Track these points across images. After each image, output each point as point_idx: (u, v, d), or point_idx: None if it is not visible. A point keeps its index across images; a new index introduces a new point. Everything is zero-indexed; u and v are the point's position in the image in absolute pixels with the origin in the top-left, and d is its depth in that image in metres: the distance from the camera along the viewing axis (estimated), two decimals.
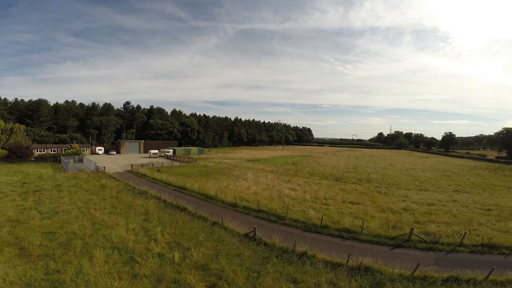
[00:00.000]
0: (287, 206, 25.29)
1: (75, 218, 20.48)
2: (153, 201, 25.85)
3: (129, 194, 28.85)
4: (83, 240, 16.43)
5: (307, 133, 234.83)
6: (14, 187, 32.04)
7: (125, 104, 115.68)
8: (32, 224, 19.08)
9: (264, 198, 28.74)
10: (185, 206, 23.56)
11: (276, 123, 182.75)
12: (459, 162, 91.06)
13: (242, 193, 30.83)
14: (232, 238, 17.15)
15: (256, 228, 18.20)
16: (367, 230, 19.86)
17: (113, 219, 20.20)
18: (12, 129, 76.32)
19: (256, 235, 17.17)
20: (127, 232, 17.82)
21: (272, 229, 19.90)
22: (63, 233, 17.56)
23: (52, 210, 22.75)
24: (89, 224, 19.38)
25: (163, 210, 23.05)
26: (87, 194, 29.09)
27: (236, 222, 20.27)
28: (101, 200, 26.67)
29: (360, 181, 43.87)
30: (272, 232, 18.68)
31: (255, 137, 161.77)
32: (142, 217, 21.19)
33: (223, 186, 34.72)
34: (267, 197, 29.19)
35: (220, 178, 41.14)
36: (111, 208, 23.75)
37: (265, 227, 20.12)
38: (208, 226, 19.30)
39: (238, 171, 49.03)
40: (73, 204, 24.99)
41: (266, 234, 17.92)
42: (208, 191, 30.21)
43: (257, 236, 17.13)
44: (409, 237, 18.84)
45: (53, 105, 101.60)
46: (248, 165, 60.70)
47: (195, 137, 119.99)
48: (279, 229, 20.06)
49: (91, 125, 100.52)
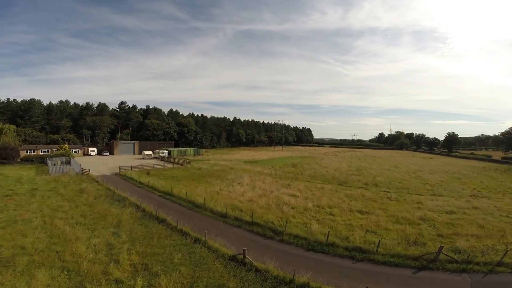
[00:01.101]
0: (286, 217, 21.85)
1: (32, 229, 17.18)
2: (130, 210, 22.35)
3: (105, 201, 25.38)
4: (30, 257, 13.32)
5: (307, 133, 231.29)
6: None
7: (120, 104, 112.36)
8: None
9: (259, 207, 25.21)
10: (164, 217, 20.00)
11: (275, 124, 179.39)
12: (465, 163, 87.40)
13: (235, 200, 27.30)
14: (216, 262, 13.63)
15: (248, 247, 14.81)
16: (383, 248, 16.38)
17: (76, 231, 16.83)
18: (2, 130, 72.88)
19: (246, 258, 13.65)
20: (87, 249, 14.49)
21: (267, 247, 16.43)
22: (11, 247, 14.43)
23: (11, 219, 19.42)
24: (46, 237, 16.04)
25: (138, 222, 19.58)
26: (60, 200, 25.65)
27: (224, 238, 16.76)
28: (73, 207, 23.21)
29: (367, 185, 40.31)
30: (267, 252, 15.24)
31: (254, 138, 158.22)
32: (111, 229, 17.72)
33: (214, 191, 31.18)
34: (263, 206, 25.64)
35: (212, 182, 37.62)
36: (80, 217, 20.31)
37: (259, 245, 16.61)
38: (189, 243, 15.77)
39: (233, 174, 45.51)
40: (39, 212, 21.56)
41: (259, 256, 14.42)
42: (196, 198, 26.63)
43: (247, 260, 13.60)
44: (437, 257, 15.35)
45: (46, 105, 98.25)
46: (245, 167, 57.18)
47: (192, 137, 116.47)
48: (275, 247, 16.58)
49: (85, 126, 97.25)
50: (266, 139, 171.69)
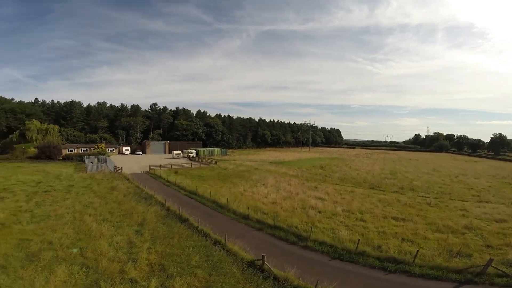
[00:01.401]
0: (312, 222, 20.66)
1: (62, 225, 18.06)
2: (155, 208, 22.76)
3: (133, 199, 26.20)
4: (55, 252, 13.81)
5: (336, 134, 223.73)
6: (27, 187, 31.29)
7: (152, 105, 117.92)
8: (13, 229, 17.03)
9: (283, 209, 24.25)
10: (187, 217, 19.97)
11: (302, 124, 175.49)
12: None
13: (258, 202, 26.64)
14: (233, 266, 13.07)
15: (269, 252, 14.05)
16: (421, 259, 14.65)
17: (102, 228, 17.36)
18: (47, 130, 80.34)
19: (265, 264, 12.88)
20: (109, 246, 14.78)
21: (289, 254, 15.51)
22: (39, 241, 15.15)
23: (46, 214, 20.69)
24: (73, 232, 16.72)
25: (162, 220, 19.76)
26: (93, 197, 27.02)
27: (244, 241, 16.13)
28: (103, 204, 24.26)
29: (402, 190, 37.25)
30: (289, 259, 14.33)
31: (280, 139, 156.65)
32: (135, 227, 18.04)
33: (238, 192, 30.82)
34: (287, 209, 24.64)
35: (237, 183, 37.39)
36: (108, 214, 21.07)
37: (280, 251, 15.76)
38: (208, 245, 15.42)
39: (258, 175, 44.95)
40: (72, 207, 22.81)
41: (279, 263, 13.57)
42: (219, 198, 26.46)
43: (265, 266, 12.83)
44: (484, 270, 13.31)
45: (86, 106, 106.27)
46: (270, 168, 56.36)
47: (220, 138, 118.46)
48: (298, 254, 15.59)
49: (120, 126, 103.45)
50: (292, 140, 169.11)
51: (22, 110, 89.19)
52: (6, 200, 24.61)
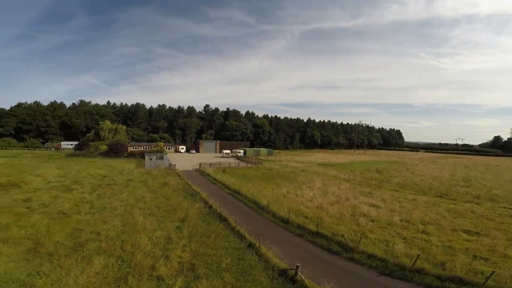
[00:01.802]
0: (362, 231, 18.51)
1: (113, 217, 19.70)
2: (199, 205, 23.35)
3: (180, 195, 27.53)
4: (99, 243, 14.89)
5: (396, 136, 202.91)
6: (94, 180, 35.78)
7: (205, 106, 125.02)
8: (72, 219, 19.14)
9: (329, 215, 22.34)
10: (227, 216, 19.88)
11: (356, 125, 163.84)
12: None
13: (301, 205, 25.20)
14: (263, 273, 12.22)
15: (305, 261, 12.93)
16: (496, 280, 11.96)
17: (146, 222, 18.38)
18: (116, 129, 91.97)
19: (298, 275, 11.64)
20: (149, 240, 15.42)
21: (329, 265, 13.93)
22: (89, 232, 16.62)
23: (102, 206, 22.93)
24: (120, 225, 18.03)
25: (203, 218, 20.06)
26: (146, 191, 29.28)
27: (280, 247, 15.13)
28: (153, 198, 26.01)
29: (478, 199, 31.17)
30: (328, 270, 12.83)
31: (331, 140, 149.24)
32: (176, 223, 18.64)
33: (280, 194, 29.81)
34: (334, 215, 22.63)
35: (281, 184, 36.36)
36: (155, 208, 22.38)
37: (319, 261, 14.29)
38: (242, 248, 14.89)
39: (304, 177, 43.09)
40: (126, 201, 24.97)
41: (315, 274, 12.22)
42: (261, 199, 25.86)
43: (298, 277, 11.60)
44: None
45: (148, 108, 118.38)
46: (318, 170, 53.62)
47: (267, 138, 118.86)
48: (340, 266, 13.89)
49: (177, 126, 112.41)
50: (345, 141, 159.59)
51: (97, 111, 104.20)
52: (74, 192, 28.35)
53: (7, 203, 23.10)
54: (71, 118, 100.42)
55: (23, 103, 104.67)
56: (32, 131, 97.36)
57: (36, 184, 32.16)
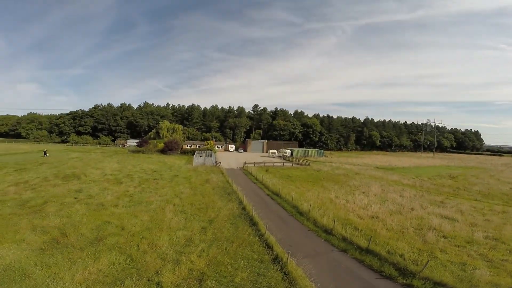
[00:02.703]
0: (430, 250, 14.18)
1: (145, 212, 19.14)
2: (232, 205, 21.38)
3: (217, 193, 26.11)
4: (120, 238, 14.10)
5: (474, 137, 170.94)
6: (144, 174, 37.34)
7: (254, 106, 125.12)
8: (108, 211, 19.13)
9: (387, 228, 17.91)
10: (258, 220, 17.30)
11: (423, 124, 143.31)
12: None
13: (351, 213, 21.03)
14: None
15: (346, 287, 9.35)
16: None
17: (174, 220, 17.16)
18: (174, 128, 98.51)
19: None
20: (168, 240, 13.95)
21: None
22: (115, 225, 16.14)
23: (140, 200, 22.85)
24: (148, 221, 17.17)
25: (232, 220, 17.92)
26: (186, 188, 28.80)
27: (315, 264, 11.97)
28: (190, 195, 25.13)
29: None
30: None
31: (392, 141, 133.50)
32: (203, 223, 16.93)
33: (327, 198, 25.83)
34: (392, 228, 18.07)
35: (329, 187, 32.10)
36: (188, 205, 21.23)
37: None
38: (266, 260, 12.15)
39: (358, 181, 37.72)
40: (164, 196, 24.61)
41: None
42: (302, 204, 22.47)
43: None
44: None
45: (202, 109, 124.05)
46: (376, 174, 46.91)
47: (317, 138, 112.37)
48: None
49: (227, 126, 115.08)
50: (409, 143, 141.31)
51: (158, 112, 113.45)
52: (122, 185, 29.48)
53: (61, 192, 24.92)
54: (136, 118, 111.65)
55: (98, 105, 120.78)
56: (105, 130, 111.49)
57: (94, 177, 34.82)
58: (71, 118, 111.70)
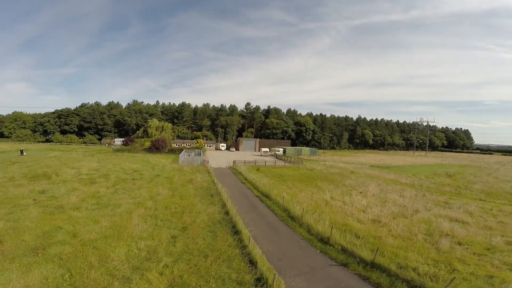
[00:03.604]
0: (447, 261, 11.91)
1: (109, 216, 16.30)
2: (214, 209, 18.55)
3: (199, 195, 23.25)
4: (64, 247, 11.54)
5: (464, 136, 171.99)
6: (123, 174, 34.19)
7: (246, 104, 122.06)
8: (65, 215, 16.42)
9: (392, 234, 15.43)
10: (241, 228, 14.48)
11: (415, 123, 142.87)
12: None
13: (350, 217, 18.48)
14: None
15: None
16: None
17: (140, 227, 14.30)
18: (163, 127, 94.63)
19: None
20: (127, 253, 11.16)
21: None
22: (66, 232, 13.51)
23: (108, 203, 19.94)
24: (109, 227, 14.37)
25: (211, 227, 15.12)
26: (165, 189, 25.82)
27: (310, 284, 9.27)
28: (168, 197, 22.17)
29: None
30: None
31: (385, 140, 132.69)
32: (175, 231, 14.12)
33: (322, 200, 23.22)
34: (399, 234, 15.60)
35: (323, 187, 29.57)
36: (163, 209, 18.34)
37: None
38: (247, 282, 9.49)
39: (354, 180, 35.39)
40: (137, 198, 21.64)
41: None
42: (293, 207, 19.73)
43: None
44: None
45: (193, 107, 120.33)
46: (372, 172, 44.79)
47: (310, 137, 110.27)
48: None
49: (219, 125, 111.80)
50: (402, 141, 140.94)
51: (146, 110, 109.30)
52: (95, 185, 26.37)
53: (21, 194, 21.82)
54: (124, 116, 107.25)
55: (86, 104, 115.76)
56: (91, 129, 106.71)
57: (66, 176, 31.68)
58: (56, 117, 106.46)
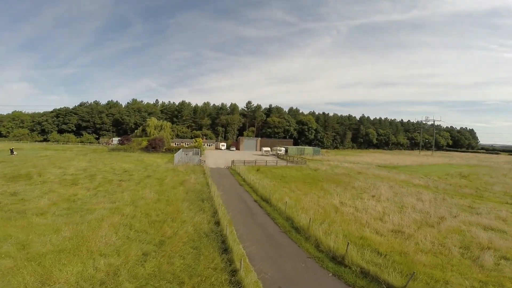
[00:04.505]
0: (499, 283, 8.60)
1: (74, 224, 13.50)
2: (203, 217, 15.57)
3: (189, 199, 20.30)
4: (3, 262, 8.92)
5: (469, 136, 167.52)
6: (111, 174, 31.47)
7: (247, 103, 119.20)
8: (23, 221, 13.97)
9: (422, 249, 12.39)
10: (232, 244, 11.40)
11: (420, 123, 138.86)
12: None
13: (366, 227, 15.41)
14: None
15: None
16: None
17: (107, 239, 11.42)
18: (162, 126, 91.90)
19: None
20: (78, 274, 8.48)
21: None
22: (15, 242, 10.96)
23: (82, 207, 17.17)
24: (69, 238, 11.49)
25: (196, 241, 12.10)
26: (153, 192, 22.83)
27: None
28: (152, 202, 19.24)
29: None
30: None
31: (389, 139, 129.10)
32: (148, 246, 11.18)
33: (331, 205, 20.15)
34: (429, 249, 12.54)
35: (330, 190, 26.49)
36: (142, 217, 15.39)
37: None
38: None
39: (362, 181, 32.30)
40: (117, 202, 18.76)
41: None
42: (298, 215, 16.54)
43: None
44: None
45: (193, 106, 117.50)
46: (380, 173, 41.65)
47: (313, 136, 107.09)
48: None
49: (219, 124, 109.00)
50: (406, 141, 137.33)
51: (145, 109, 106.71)
52: (76, 187, 23.65)
53: None
54: (122, 115, 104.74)
55: (85, 103, 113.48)
56: (89, 128, 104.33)
57: (49, 177, 29.14)
58: (54, 116, 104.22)
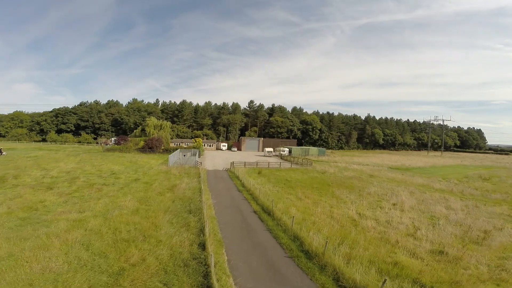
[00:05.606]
0: None
1: (17, 241, 10.34)
2: (185, 236, 12.02)
3: (174, 210, 16.82)
4: None
5: (477, 136, 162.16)
6: (96, 177, 28.52)
7: (249, 102, 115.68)
8: None
9: (477, 277, 8.78)
10: (218, 280, 7.82)
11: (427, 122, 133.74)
12: None
13: (396, 248, 11.78)
14: None
15: None
16: None
17: (49, 264, 8.18)
18: (161, 125, 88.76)
19: None
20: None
21: None
22: None
23: (42, 218, 13.94)
24: None
25: (168, 275, 8.62)
26: (134, 199, 19.47)
27: None
28: (129, 213, 15.76)
29: None
30: None
31: (396, 139, 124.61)
32: (102, 278, 7.87)
33: (346, 218, 16.48)
34: (488, 276, 8.93)
35: (342, 197, 22.81)
36: (109, 234, 11.96)
37: None
38: None
39: (377, 186, 28.56)
40: (87, 212, 15.45)
41: None
42: (308, 234, 12.79)
43: None
44: None
45: (194, 106, 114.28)
46: (395, 176, 37.82)
47: (317, 136, 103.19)
48: None
49: (221, 123, 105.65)
50: (413, 141, 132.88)
51: (145, 109, 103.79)
52: (50, 192, 20.60)
53: None
54: (121, 115, 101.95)
55: (85, 102, 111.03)
56: (88, 128, 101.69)
57: (26, 179, 26.52)
58: (53, 116, 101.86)
